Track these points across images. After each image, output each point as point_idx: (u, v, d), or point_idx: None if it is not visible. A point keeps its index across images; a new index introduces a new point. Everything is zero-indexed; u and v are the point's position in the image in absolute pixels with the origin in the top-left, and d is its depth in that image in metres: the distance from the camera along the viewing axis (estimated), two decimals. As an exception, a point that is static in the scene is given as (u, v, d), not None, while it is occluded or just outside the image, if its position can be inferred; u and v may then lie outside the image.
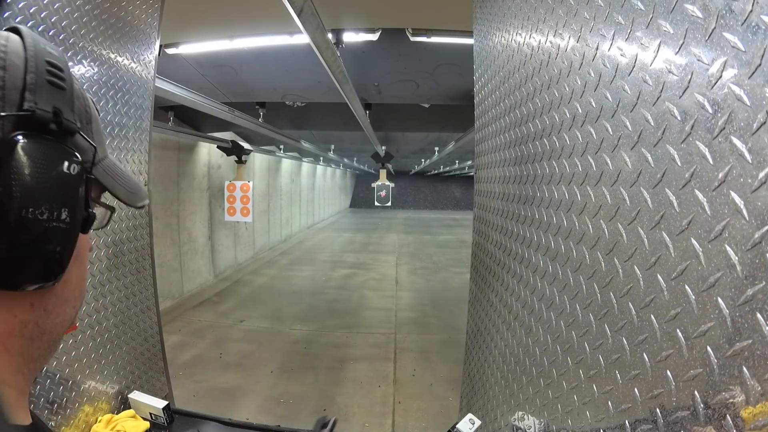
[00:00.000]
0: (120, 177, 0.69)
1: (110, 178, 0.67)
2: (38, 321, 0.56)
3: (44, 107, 0.51)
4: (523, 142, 1.63)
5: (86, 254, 0.66)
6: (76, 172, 0.54)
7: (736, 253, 0.67)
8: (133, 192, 0.72)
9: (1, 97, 0.48)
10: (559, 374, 1.27)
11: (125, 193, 0.70)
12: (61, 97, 0.54)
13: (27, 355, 0.56)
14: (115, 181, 0.68)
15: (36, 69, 0.52)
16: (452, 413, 4.21)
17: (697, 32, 0.75)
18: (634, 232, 0.92)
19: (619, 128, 0.98)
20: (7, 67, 0.49)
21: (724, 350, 0.68)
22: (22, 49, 0.52)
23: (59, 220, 0.52)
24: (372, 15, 3.64)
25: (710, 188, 0.72)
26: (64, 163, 0.53)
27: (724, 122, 0.69)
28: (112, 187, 0.67)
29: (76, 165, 0.55)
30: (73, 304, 0.63)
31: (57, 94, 0.54)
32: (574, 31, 1.21)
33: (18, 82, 0.50)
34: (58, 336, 0.62)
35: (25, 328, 0.55)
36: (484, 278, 2.17)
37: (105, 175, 0.65)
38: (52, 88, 0.53)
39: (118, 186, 0.68)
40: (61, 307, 0.60)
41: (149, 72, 2.27)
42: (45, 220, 0.50)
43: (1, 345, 0.53)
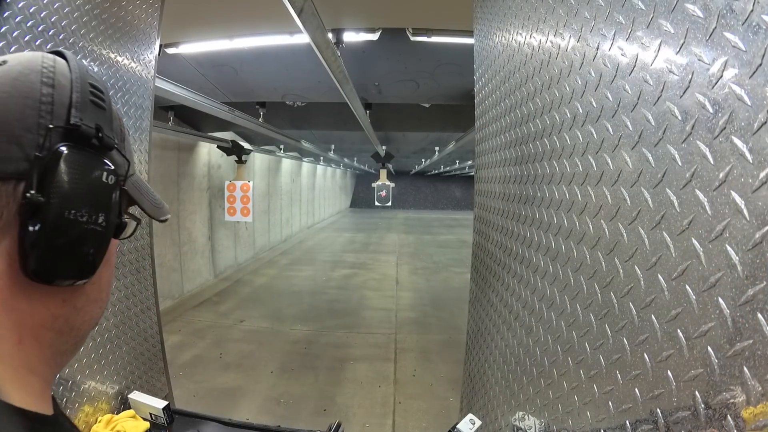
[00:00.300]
0: (146, 192, 0.75)
1: (138, 192, 0.72)
2: (68, 317, 0.60)
3: (88, 123, 0.57)
4: (524, 141, 1.62)
5: (114, 259, 0.69)
6: (112, 182, 0.60)
7: (737, 253, 0.66)
8: (158, 207, 0.78)
9: (50, 111, 0.54)
10: (559, 374, 1.26)
11: (150, 207, 0.75)
12: (102, 116, 0.60)
13: (55, 348, 0.60)
14: (142, 195, 0.73)
15: (81, 89, 0.58)
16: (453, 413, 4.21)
17: (697, 32, 0.75)
18: (635, 232, 0.91)
19: (619, 128, 0.98)
20: (55, 86, 0.55)
21: (725, 350, 0.68)
22: (68, 71, 0.58)
23: (96, 224, 0.57)
24: (372, 15, 3.64)
25: (711, 188, 0.72)
26: (103, 173, 0.58)
27: (725, 122, 0.69)
28: (140, 201, 0.72)
29: (113, 176, 0.60)
30: (100, 305, 0.67)
31: (99, 113, 0.60)
32: (574, 31, 1.21)
33: (65, 100, 0.56)
34: (84, 333, 0.66)
35: (56, 322, 0.59)
36: (484, 278, 2.17)
37: (134, 189, 0.70)
38: (95, 107, 0.59)
39: (144, 200, 0.73)
40: (89, 306, 0.64)
41: (149, 72, 2.27)
42: (84, 222, 0.56)
43: (33, 335, 0.56)
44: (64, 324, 0.60)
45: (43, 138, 0.53)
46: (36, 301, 0.56)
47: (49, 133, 0.53)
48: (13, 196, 0.51)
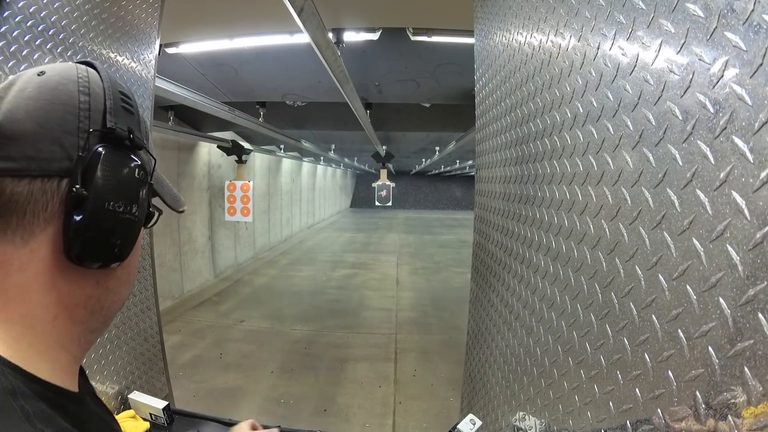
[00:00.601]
0: (166, 186, 0.82)
1: (160, 186, 0.79)
2: (100, 297, 0.67)
3: (121, 126, 0.64)
4: (524, 141, 1.62)
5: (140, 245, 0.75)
6: (142, 178, 0.67)
7: (738, 253, 0.66)
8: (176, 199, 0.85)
9: (88, 117, 0.61)
10: (560, 374, 1.26)
11: (170, 199, 0.82)
12: (132, 120, 0.67)
13: (86, 326, 0.66)
14: (163, 188, 0.80)
15: (113, 97, 0.65)
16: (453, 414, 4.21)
17: (698, 32, 0.75)
18: (636, 232, 0.91)
19: (620, 128, 0.97)
20: (91, 94, 0.62)
21: (726, 350, 0.67)
22: (100, 80, 0.65)
23: (131, 214, 0.65)
24: (373, 14, 3.64)
25: (712, 188, 0.71)
26: (135, 170, 0.66)
27: (726, 122, 0.68)
28: (162, 193, 0.79)
29: (143, 172, 0.67)
30: (128, 286, 0.74)
31: (129, 117, 0.67)
32: (575, 31, 1.21)
33: (100, 106, 0.62)
34: (113, 313, 0.72)
35: (89, 301, 0.65)
36: (485, 278, 2.17)
37: (157, 183, 0.76)
38: (126, 112, 0.66)
39: (165, 192, 0.80)
40: (119, 287, 0.71)
41: (149, 71, 2.27)
42: (120, 213, 0.63)
43: (69, 314, 0.63)
44: (96, 303, 0.66)
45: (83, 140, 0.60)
46: (73, 282, 0.62)
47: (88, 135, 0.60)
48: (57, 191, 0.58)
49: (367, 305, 8.94)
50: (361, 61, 4.96)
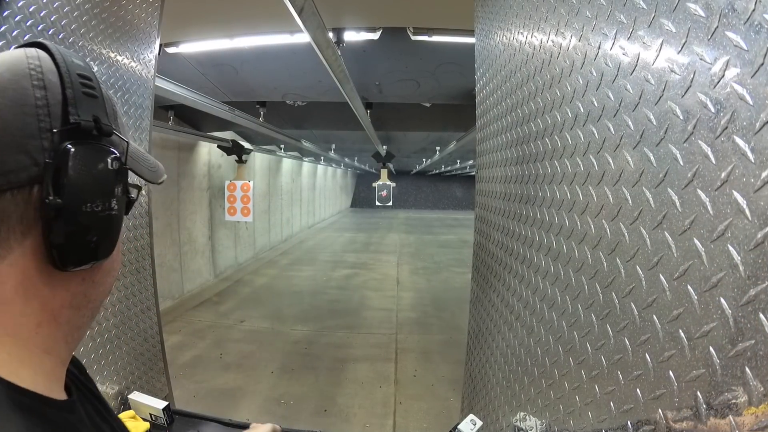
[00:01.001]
0: (143, 159, 0.77)
1: (136, 162, 0.74)
2: (86, 291, 0.65)
3: (85, 117, 0.59)
4: (525, 141, 1.62)
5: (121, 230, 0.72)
6: (116, 166, 0.63)
7: (739, 253, 0.66)
8: (154, 170, 0.81)
9: (47, 113, 0.56)
10: (560, 375, 1.26)
11: (148, 173, 0.79)
12: (96, 105, 0.63)
13: (73, 323, 0.64)
14: (140, 164, 0.75)
15: (72, 84, 0.59)
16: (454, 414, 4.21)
17: (699, 31, 0.75)
18: (636, 231, 0.91)
19: (621, 128, 0.97)
20: (47, 86, 0.57)
21: (727, 351, 0.67)
22: (54, 66, 0.59)
23: (110, 209, 0.62)
24: (373, 14, 3.64)
25: (713, 188, 0.71)
26: (107, 161, 0.62)
27: (727, 121, 0.68)
28: (139, 170, 0.75)
29: (115, 160, 0.63)
30: (114, 273, 0.72)
31: (92, 103, 0.62)
32: (576, 30, 1.20)
33: (59, 98, 0.57)
34: (99, 304, 0.70)
35: (75, 299, 0.63)
36: (485, 278, 2.17)
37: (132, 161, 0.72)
38: (88, 98, 0.61)
39: (142, 168, 0.76)
40: (105, 277, 0.69)
41: (149, 71, 2.27)
42: (99, 211, 0.60)
43: (54, 317, 0.60)
44: (82, 299, 0.64)
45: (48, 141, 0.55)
46: (57, 285, 0.60)
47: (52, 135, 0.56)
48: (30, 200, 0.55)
49: (368, 305, 8.93)
50: (361, 60, 4.96)
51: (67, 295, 0.62)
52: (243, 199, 9.48)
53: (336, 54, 3.65)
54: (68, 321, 0.62)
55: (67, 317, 0.62)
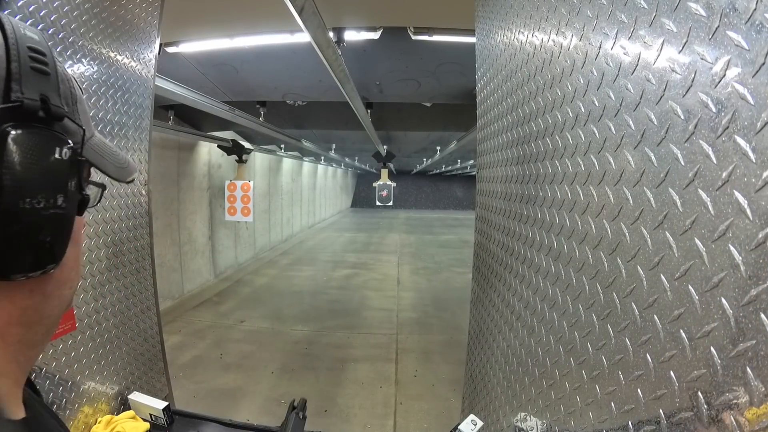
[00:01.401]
0: (108, 154, 0.70)
1: (99, 156, 0.67)
2: (37, 306, 0.57)
3: (31, 96, 0.51)
4: (526, 141, 1.62)
5: (81, 234, 0.66)
6: (68, 157, 0.55)
7: (740, 253, 0.66)
8: (122, 167, 0.73)
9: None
10: (561, 375, 1.26)
11: (114, 169, 0.71)
12: (47, 83, 0.54)
13: (24, 342, 0.56)
14: (104, 158, 0.68)
15: (19, 57, 0.51)
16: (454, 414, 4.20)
17: (700, 31, 0.75)
18: (637, 231, 0.91)
19: (622, 127, 0.97)
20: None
21: (728, 351, 0.68)
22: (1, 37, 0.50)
23: (56, 207, 0.53)
24: (373, 13, 3.64)
25: (714, 188, 0.71)
26: (56, 150, 0.53)
27: (728, 121, 0.68)
28: (102, 165, 0.68)
29: (67, 150, 0.55)
30: (70, 285, 0.63)
31: (42, 81, 0.53)
32: (576, 30, 1.20)
33: (2, 72, 0.49)
34: (56, 319, 0.62)
35: (24, 315, 0.55)
36: (486, 278, 2.17)
37: (94, 153, 0.66)
38: (37, 74, 0.53)
39: (107, 163, 0.69)
40: (59, 290, 0.60)
41: (149, 71, 2.27)
42: (42, 209, 0.51)
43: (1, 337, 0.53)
44: (33, 315, 0.57)
45: None
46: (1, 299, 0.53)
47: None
48: None
49: (368, 305, 8.92)
50: (361, 60, 4.96)
51: (15, 311, 0.54)
52: (243, 199, 9.46)
53: (336, 54, 3.65)
54: (19, 341, 0.55)
55: (18, 336, 0.55)
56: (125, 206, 2.14)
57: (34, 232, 0.51)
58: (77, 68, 1.78)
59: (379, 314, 8.30)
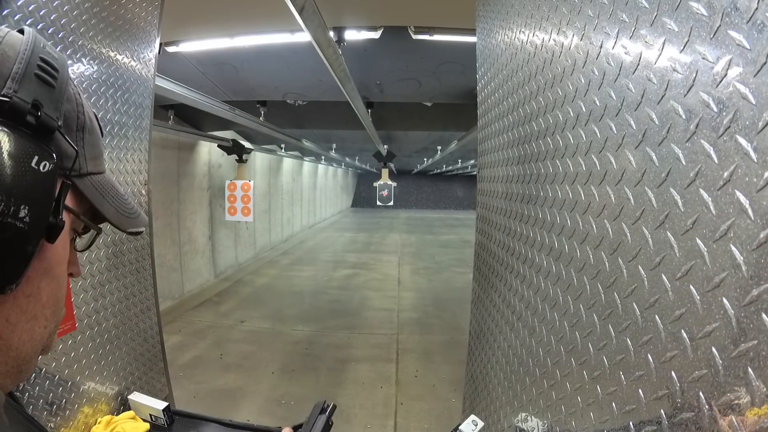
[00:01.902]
0: (113, 197, 0.66)
1: (99, 195, 0.64)
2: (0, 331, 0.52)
3: (23, 97, 0.48)
4: (527, 140, 1.62)
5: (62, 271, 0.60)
6: (46, 170, 0.50)
7: (742, 253, 0.66)
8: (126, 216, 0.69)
9: None
10: (562, 375, 1.26)
11: (115, 214, 0.66)
12: (47, 94, 0.52)
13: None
14: (104, 198, 0.64)
15: (26, 61, 0.50)
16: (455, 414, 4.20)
17: (702, 30, 0.74)
18: (639, 231, 0.91)
19: (623, 127, 0.97)
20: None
21: (729, 351, 0.67)
22: (19, 43, 0.51)
23: (15, 217, 0.47)
24: (374, 13, 3.64)
25: (715, 187, 0.71)
26: (34, 158, 0.49)
27: (729, 121, 0.68)
28: (100, 205, 0.63)
29: (49, 164, 0.51)
30: (44, 323, 0.57)
31: (42, 89, 0.51)
32: (577, 29, 1.20)
33: (5, 72, 0.48)
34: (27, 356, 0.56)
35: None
36: (487, 278, 2.17)
37: (93, 190, 0.62)
38: (40, 82, 0.51)
39: (106, 204, 0.65)
40: (27, 323, 0.55)
41: (149, 70, 2.27)
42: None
43: None
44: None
45: None
46: None
47: None
48: None
49: (369, 305, 8.93)
50: (362, 59, 4.96)
51: None
52: (243, 199, 9.45)
53: (337, 53, 3.65)
54: None
55: None
56: (125, 206, 2.13)
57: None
58: (77, 68, 1.78)
59: (379, 314, 8.30)
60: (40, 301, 0.55)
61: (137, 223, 0.71)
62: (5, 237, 0.47)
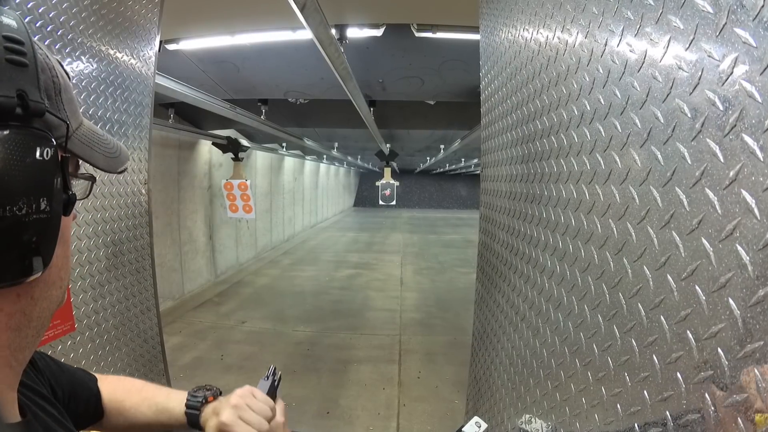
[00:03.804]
0: (97, 144, 0.66)
1: (87, 147, 0.63)
2: (25, 310, 0.55)
3: (7, 93, 0.46)
4: (531, 139, 1.62)
5: (69, 232, 0.63)
6: (49, 156, 0.51)
7: (748, 252, 0.66)
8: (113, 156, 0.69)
9: None
10: (567, 376, 1.26)
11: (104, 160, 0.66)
12: (25, 76, 0.49)
13: (15, 346, 0.55)
14: (92, 149, 0.64)
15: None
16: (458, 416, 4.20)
17: (707, 28, 0.74)
18: (644, 231, 0.90)
19: (628, 126, 0.97)
20: None
21: (735, 352, 0.67)
22: None
23: (39, 212, 0.49)
24: (376, 10, 3.64)
25: (721, 187, 0.71)
26: (36, 150, 0.49)
27: (735, 119, 0.68)
28: (90, 157, 0.64)
29: (49, 148, 0.51)
30: (60, 284, 0.61)
31: (19, 74, 0.48)
32: (582, 27, 1.20)
33: None
34: (45, 320, 0.60)
35: (12, 320, 0.53)
36: (490, 278, 2.16)
37: (81, 146, 0.62)
38: (14, 67, 0.48)
39: (96, 154, 0.65)
40: (48, 291, 0.58)
41: (149, 68, 2.27)
42: (24, 215, 0.47)
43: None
44: (21, 319, 0.55)
45: None
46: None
47: None
48: None
49: (371, 306, 8.91)
50: (364, 57, 4.96)
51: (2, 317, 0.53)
52: (243, 197, 9.40)
53: (339, 51, 3.65)
54: (9, 345, 0.54)
55: (7, 341, 0.54)
56: (125, 206, 2.14)
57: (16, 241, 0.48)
58: (76, 65, 1.78)
59: (382, 315, 8.29)
60: (56, 267, 0.58)
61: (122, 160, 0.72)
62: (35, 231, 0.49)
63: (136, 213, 2.24)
